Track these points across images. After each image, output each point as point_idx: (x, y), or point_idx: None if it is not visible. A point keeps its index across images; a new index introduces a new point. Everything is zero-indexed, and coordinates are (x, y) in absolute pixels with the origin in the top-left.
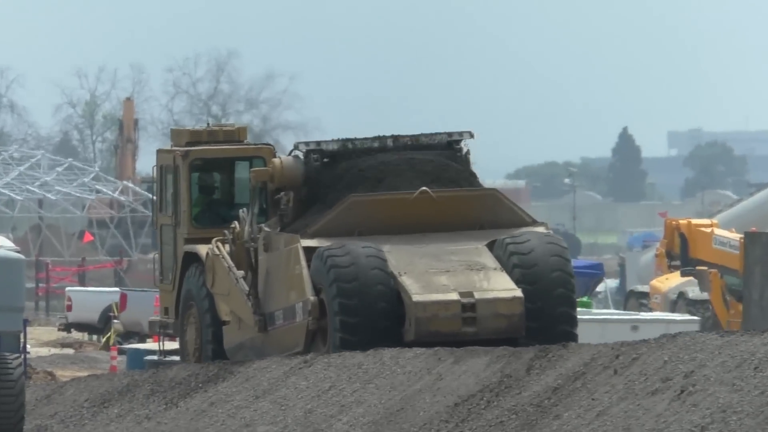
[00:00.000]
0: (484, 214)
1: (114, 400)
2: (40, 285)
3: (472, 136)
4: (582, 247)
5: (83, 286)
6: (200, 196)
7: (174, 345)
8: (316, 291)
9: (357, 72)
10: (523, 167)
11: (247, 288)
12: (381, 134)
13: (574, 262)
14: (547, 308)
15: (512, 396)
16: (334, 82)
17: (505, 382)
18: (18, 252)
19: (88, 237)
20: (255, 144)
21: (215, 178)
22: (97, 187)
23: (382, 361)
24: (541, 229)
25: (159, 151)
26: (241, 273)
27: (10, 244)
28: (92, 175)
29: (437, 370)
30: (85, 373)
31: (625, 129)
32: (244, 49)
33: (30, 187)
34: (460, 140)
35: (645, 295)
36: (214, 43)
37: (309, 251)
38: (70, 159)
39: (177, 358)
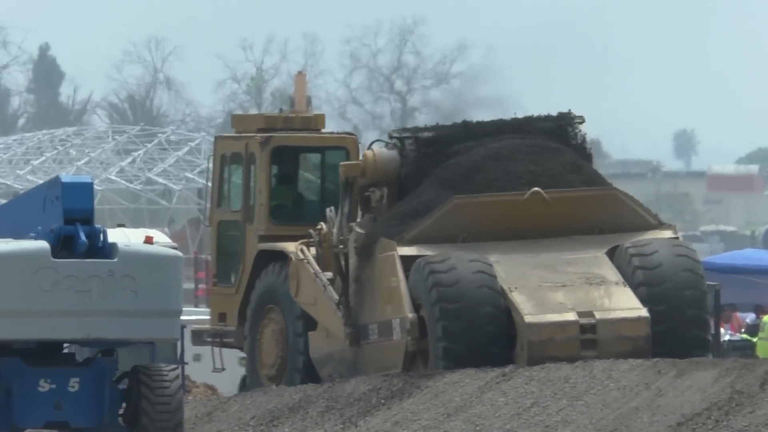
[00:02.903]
0: (603, 217)
1: (284, 417)
2: (200, 286)
3: (583, 121)
4: None
5: None
6: (277, 189)
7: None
8: (416, 306)
9: (560, 41)
10: (758, 149)
11: (335, 297)
12: (485, 119)
13: None
14: (677, 331)
15: (744, 415)
16: (536, 53)
17: (735, 399)
18: (175, 248)
19: None
20: (338, 133)
21: (295, 170)
22: None
23: (593, 375)
24: (668, 234)
25: (219, 138)
26: (327, 276)
27: (166, 239)
28: None
29: (656, 385)
30: None
31: None
32: (432, 15)
33: (189, 175)
34: (572, 124)
35: None
36: (398, 9)
37: (407, 260)
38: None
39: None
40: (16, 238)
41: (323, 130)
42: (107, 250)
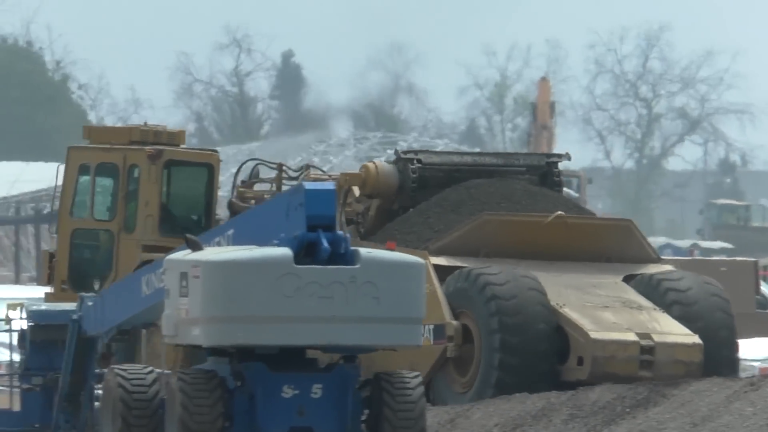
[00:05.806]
0: (613, 246)
1: (527, 425)
2: None
3: (569, 158)
4: None
5: None
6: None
7: None
8: (454, 314)
9: None
10: None
11: None
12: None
13: None
14: (709, 351)
15: None
16: None
17: None
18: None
19: None
20: (203, 149)
21: (173, 182)
22: None
23: None
24: (668, 268)
25: (75, 148)
26: None
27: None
28: None
29: None
30: None
31: None
32: (678, 21)
33: None
34: (558, 162)
35: None
36: (645, 14)
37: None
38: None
39: None
40: (260, 245)
41: (182, 146)
42: (349, 257)
